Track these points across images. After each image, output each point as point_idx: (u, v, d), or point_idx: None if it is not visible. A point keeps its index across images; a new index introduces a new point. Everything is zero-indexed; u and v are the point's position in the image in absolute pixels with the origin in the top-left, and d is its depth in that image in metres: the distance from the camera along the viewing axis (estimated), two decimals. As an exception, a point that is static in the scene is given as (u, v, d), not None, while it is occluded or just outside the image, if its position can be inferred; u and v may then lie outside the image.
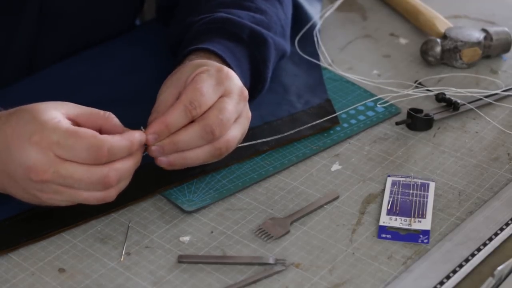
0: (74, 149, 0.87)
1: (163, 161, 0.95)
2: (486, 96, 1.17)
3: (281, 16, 1.15)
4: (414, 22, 1.34)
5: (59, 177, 0.88)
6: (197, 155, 0.95)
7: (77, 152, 0.87)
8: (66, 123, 0.89)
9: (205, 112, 0.94)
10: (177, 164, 0.96)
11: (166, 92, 0.97)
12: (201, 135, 0.94)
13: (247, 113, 0.99)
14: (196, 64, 0.98)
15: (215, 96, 0.95)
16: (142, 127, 0.94)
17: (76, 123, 0.91)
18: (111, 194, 0.91)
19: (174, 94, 0.96)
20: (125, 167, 0.91)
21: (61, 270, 0.91)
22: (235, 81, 0.97)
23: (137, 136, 0.92)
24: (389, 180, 1.03)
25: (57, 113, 0.89)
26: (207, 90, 0.94)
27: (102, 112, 0.92)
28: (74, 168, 0.88)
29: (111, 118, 0.92)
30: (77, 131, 0.88)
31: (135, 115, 1.04)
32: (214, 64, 0.98)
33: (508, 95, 1.18)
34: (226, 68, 0.98)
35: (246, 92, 0.98)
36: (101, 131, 0.91)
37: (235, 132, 0.97)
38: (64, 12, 1.16)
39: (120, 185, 0.92)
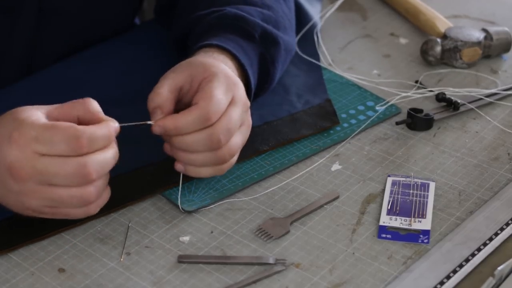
0: (53, 142, 0.86)
1: (179, 167, 0.96)
2: (486, 96, 1.17)
3: (286, 10, 1.15)
4: (414, 22, 1.34)
5: (36, 173, 0.86)
6: (199, 159, 0.95)
7: (55, 145, 0.85)
8: (44, 119, 0.88)
9: None
10: (177, 157, 0.96)
11: (171, 77, 0.97)
12: (207, 142, 0.94)
13: (249, 122, 0.99)
14: (206, 65, 0.98)
15: (227, 104, 0.95)
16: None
17: (55, 119, 0.89)
18: (91, 209, 0.90)
19: (179, 82, 0.96)
20: (104, 158, 0.88)
21: (61, 270, 0.91)
22: (241, 90, 0.97)
23: (112, 124, 0.90)
24: (389, 180, 1.03)
25: (37, 111, 0.88)
26: (221, 98, 0.94)
27: (79, 100, 0.90)
28: (49, 161, 0.86)
29: (89, 103, 0.90)
30: (55, 124, 0.86)
31: (135, 115, 1.04)
32: (222, 68, 0.97)
33: (508, 95, 1.18)
34: (233, 75, 0.97)
35: (248, 102, 0.98)
36: (79, 122, 0.89)
37: (237, 140, 0.97)
38: (63, 11, 1.16)
39: (103, 197, 0.91)
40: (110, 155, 0.89)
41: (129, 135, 1.03)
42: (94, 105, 0.90)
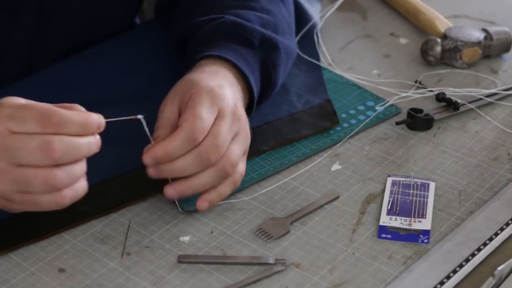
0: (25, 120, 0.85)
1: (170, 192, 0.94)
2: (486, 96, 1.17)
3: (285, 14, 1.15)
4: (414, 22, 1.34)
5: (5, 150, 0.85)
6: (202, 180, 0.94)
7: (26, 122, 0.84)
8: (24, 101, 0.87)
9: None
10: (186, 193, 0.95)
11: (166, 109, 0.97)
12: (197, 162, 0.93)
13: (246, 131, 0.98)
14: (193, 82, 0.97)
15: (212, 119, 0.94)
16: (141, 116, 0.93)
17: None
18: (62, 199, 0.87)
19: (176, 111, 0.96)
20: (73, 142, 0.86)
21: (61, 270, 0.91)
22: (227, 101, 0.96)
23: (95, 117, 0.88)
24: (389, 180, 1.03)
25: (20, 98, 0.88)
26: (205, 115, 0.93)
27: (66, 104, 0.89)
28: (17, 137, 0.85)
29: (76, 108, 0.89)
30: (31, 103, 0.86)
31: (135, 114, 1.04)
32: (205, 84, 0.96)
33: (508, 95, 1.18)
34: (216, 89, 0.96)
35: (239, 111, 0.97)
36: None
37: (235, 150, 0.95)
38: (63, 11, 1.16)
39: (76, 188, 0.87)
40: (82, 142, 0.86)
41: (129, 135, 1.03)
42: (81, 110, 0.89)
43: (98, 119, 0.88)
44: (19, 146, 0.85)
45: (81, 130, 0.87)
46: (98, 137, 0.88)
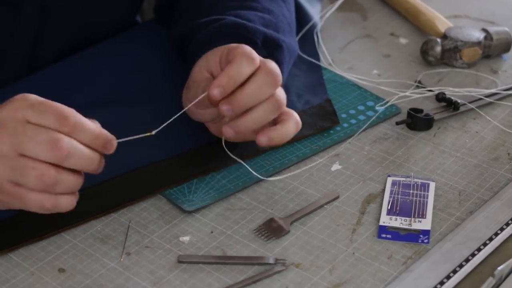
0: (44, 113, 0.86)
1: (228, 131, 0.95)
2: (486, 96, 1.17)
3: (286, 14, 1.15)
4: (414, 22, 1.34)
5: (14, 135, 0.85)
6: (258, 113, 0.95)
7: (45, 117, 0.86)
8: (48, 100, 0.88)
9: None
10: (243, 129, 0.96)
11: (198, 69, 0.99)
12: (267, 79, 0.94)
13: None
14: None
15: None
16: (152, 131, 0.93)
17: None
18: (49, 200, 0.87)
19: (207, 69, 0.99)
20: (81, 149, 0.87)
21: (61, 270, 0.91)
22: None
23: (108, 134, 0.89)
24: (389, 180, 1.03)
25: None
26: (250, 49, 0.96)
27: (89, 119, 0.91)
28: (30, 127, 0.86)
29: (94, 120, 0.90)
30: (52, 102, 0.87)
31: (136, 114, 1.05)
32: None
33: (508, 95, 1.18)
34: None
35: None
36: None
37: (280, 89, 0.98)
38: (65, 9, 1.16)
39: (62, 200, 0.88)
40: (88, 153, 0.87)
41: (129, 135, 1.04)
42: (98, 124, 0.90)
43: (111, 136, 0.89)
44: (29, 135, 0.85)
45: (92, 140, 0.87)
46: (103, 160, 0.89)
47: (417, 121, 1.11)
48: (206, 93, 0.94)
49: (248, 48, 0.96)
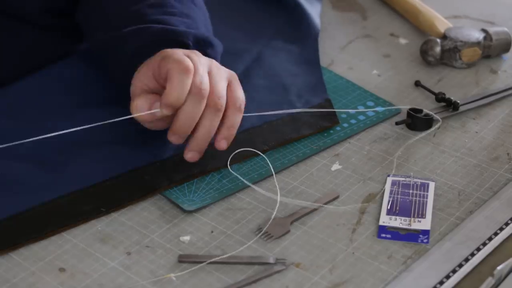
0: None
1: (190, 155, 1.00)
2: (486, 96, 1.17)
3: (201, 17, 1.14)
4: (414, 22, 1.34)
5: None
6: (205, 125, 0.98)
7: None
8: None
9: None
10: (200, 146, 0.99)
11: (136, 84, 1.01)
12: (196, 98, 0.96)
13: (216, 64, 1.02)
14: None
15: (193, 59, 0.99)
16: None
17: None
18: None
19: (144, 85, 1.00)
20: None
21: (62, 270, 0.91)
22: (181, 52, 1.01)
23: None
24: (389, 180, 1.04)
25: None
26: (184, 56, 0.99)
27: None
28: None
29: None
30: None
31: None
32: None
33: (508, 95, 1.18)
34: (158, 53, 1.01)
35: (193, 51, 1.02)
36: None
37: (216, 83, 0.99)
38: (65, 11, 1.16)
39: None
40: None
41: (129, 135, 1.04)
42: None
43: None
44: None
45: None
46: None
47: (417, 121, 1.12)
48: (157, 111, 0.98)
49: (177, 58, 0.97)
